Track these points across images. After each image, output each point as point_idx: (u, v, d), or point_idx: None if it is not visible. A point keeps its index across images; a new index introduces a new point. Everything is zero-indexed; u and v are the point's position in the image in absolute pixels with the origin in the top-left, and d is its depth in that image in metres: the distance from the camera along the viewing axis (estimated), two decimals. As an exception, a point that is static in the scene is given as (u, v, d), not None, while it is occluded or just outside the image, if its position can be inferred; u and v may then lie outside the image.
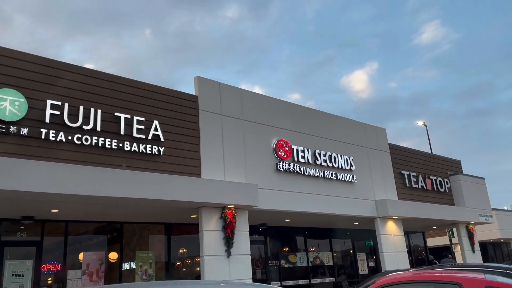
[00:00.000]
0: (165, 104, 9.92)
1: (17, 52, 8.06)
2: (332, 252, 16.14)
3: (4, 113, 7.47)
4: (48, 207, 8.69)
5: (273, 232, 14.43)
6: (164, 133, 9.63)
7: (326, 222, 14.62)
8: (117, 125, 8.93)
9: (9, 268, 9.22)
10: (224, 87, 11.36)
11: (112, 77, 9.27)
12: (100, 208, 9.31)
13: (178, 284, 2.46)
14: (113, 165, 8.58)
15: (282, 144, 11.96)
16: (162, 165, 9.45)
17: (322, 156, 12.92)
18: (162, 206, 9.39)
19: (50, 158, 7.79)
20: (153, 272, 11.33)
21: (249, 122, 11.53)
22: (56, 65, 8.49)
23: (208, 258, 9.52)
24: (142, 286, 2.73)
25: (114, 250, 10.99)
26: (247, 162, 11.10)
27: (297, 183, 12.04)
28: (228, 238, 9.89)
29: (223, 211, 9.99)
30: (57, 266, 9.91)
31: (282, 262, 14.53)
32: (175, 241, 12.09)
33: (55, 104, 8.13)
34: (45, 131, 7.89)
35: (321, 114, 13.84)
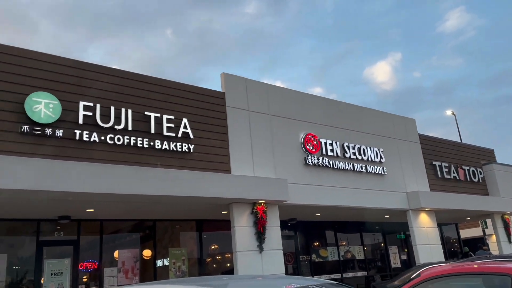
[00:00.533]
0: (193, 102, 9.97)
1: (49, 55, 8.24)
2: (363, 246, 15.95)
3: (39, 115, 7.65)
4: (84, 206, 8.87)
5: (303, 226, 14.36)
6: (193, 131, 9.68)
7: (356, 216, 14.45)
8: (147, 124, 9.03)
9: (48, 267, 9.48)
10: (250, 83, 11.33)
11: (141, 76, 9.37)
12: (133, 207, 9.46)
13: (233, 279, 2.45)
14: (145, 163, 8.67)
15: (310, 138, 11.86)
16: (192, 162, 9.51)
17: (351, 149, 12.74)
18: (194, 203, 9.46)
19: (85, 158, 7.95)
20: (187, 269, 11.46)
21: (276, 116, 11.47)
22: (87, 67, 8.64)
23: (240, 254, 9.54)
24: (198, 281, 2.73)
25: (147, 248, 11.16)
26: (275, 157, 11.05)
27: (326, 177, 11.92)
28: (260, 233, 9.89)
29: (254, 206, 9.99)
30: (94, 264, 10.13)
31: (313, 257, 14.46)
32: (206, 237, 12.18)
33: (87, 105, 8.28)
34: (79, 132, 8.05)
35: (349, 106, 13.65)
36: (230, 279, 2.69)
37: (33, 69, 7.90)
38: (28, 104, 7.58)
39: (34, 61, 7.97)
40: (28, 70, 7.84)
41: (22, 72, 7.77)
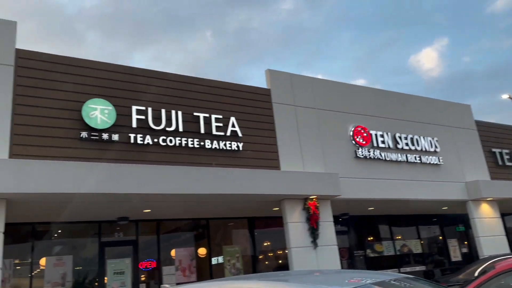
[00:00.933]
0: (239, 100, 10.02)
1: (102, 63, 8.58)
2: (420, 240, 15.37)
3: (96, 121, 7.99)
4: (141, 207, 9.17)
5: (356, 221, 14.05)
6: (241, 129, 9.73)
7: (411, 209, 13.94)
8: (197, 125, 9.18)
9: (110, 266, 9.89)
10: (295, 78, 11.23)
11: (189, 78, 9.54)
12: (187, 206, 9.66)
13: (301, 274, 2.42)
14: (197, 163, 8.82)
15: (359, 130, 11.57)
16: (242, 160, 9.56)
17: (403, 139, 12.30)
18: (245, 200, 9.51)
19: (140, 161, 8.21)
20: (241, 266, 11.56)
21: (323, 110, 11.29)
22: (138, 72, 8.92)
23: (295, 250, 9.48)
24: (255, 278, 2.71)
25: (202, 246, 11.37)
26: (324, 151, 10.88)
27: (379, 170, 11.58)
28: (313, 229, 9.77)
29: (306, 202, 9.89)
30: (153, 263, 10.45)
31: (368, 252, 14.12)
32: (258, 234, 12.22)
33: (140, 110, 8.54)
34: (133, 135, 8.32)
35: (398, 95, 13.19)
36: (310, 274, 2.67)
37: (88, 77, 8.26)
38: (85, 111, 7.93)
39: (88, 70, 8.33)
40: (83, 79, 8.20)
41: (78, 80, 8.14)
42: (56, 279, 9.23)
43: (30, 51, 7.90)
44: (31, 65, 7.80)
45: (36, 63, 7.86)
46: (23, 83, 7.64)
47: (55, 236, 9.94)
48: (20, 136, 7.34)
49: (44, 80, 7.83)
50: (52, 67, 7.99)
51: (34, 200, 7.34)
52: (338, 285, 2.04)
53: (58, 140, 7.67)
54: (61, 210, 8.51)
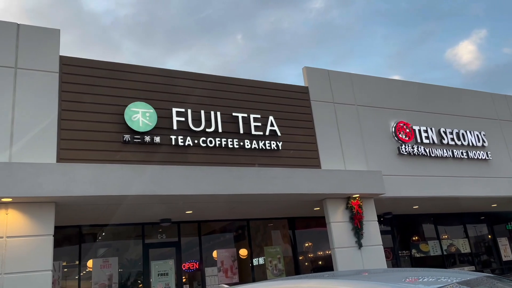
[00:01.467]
0: (277, 99, 9.91)
1: (143, 67, 8.70)
2: (468, 239, 14.71)
3: (138, 124, 8.08)
4: (183, 208, 9.22)
5: (400, 220, 13.61)
6: (280, 128, 9.61)
7: (458, 206, 13.35)
8: (236, 125, 9.13)
9: (154, 268, 10.01)
10: (333, 74, 10.99)
11: (226, 79, 9.53)
12: (228, 207, 9.62)
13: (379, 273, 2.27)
14: (237, 163, 8.77)
15: (402, 126, 11.18)
16: (282, 159, 9.43)
17: (449, 134, 11.80)
18: (286, 200, 9.38)
19: (182, 162, 8.24)
20: (283, 267, 11.42)
21: (364, 106, 10.99)
22: (176, 75, 8.98)
23: (339, 250, 9.25)
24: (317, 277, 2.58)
25: (243, 247, 11.31)
26: (366, 148, 10.59)
27: (423, 166, 11.15)
28: (357, 229, 9.51)
29: (348, 201, 9.64)
30: (195, 264, 10.49)
31: (414, 252, 13.64)
32: (299, 235, 12.04)
33: (179, 111, 8.59)
34: (174, 137, 8.37)
35: (441, 88, 12.67)
36: (376, 273, 2.52)
37: (129, 81, 8.39)
38: (128, 115, 8.04)
39: (129, 74, 8.46)
40: (125, 83, 8.33)
41: (120, 84, 8.28)
42: (103, 281, 9.42)
43: (73, 58, 8.10)
44: (75, 71, 8.00)
45: (79, 69, 8.05)
46: (68, 89, 7.84)
47: (100, 239, 10.16)
48: (66, 141, 7.53)
49: (87, 86, 8.00)
50: (95, 72, 8.16)
51: (80, 203, 7.51)
52: (425, 284, 1.89)
53: (102, 143, 7.81)
54: (106, 213, 8.68)
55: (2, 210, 6.72)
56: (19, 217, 6.77)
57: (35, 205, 6.87)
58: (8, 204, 6.76)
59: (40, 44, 7.82)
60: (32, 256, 6.63)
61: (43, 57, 7.76)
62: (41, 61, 7.72)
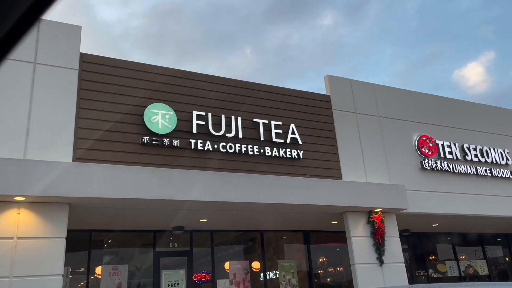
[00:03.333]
0: (299, 107, 9.61)
1: (163, 67, 8.45)
2: (486, 260, 14.17)
3: (157, 126, 7.80)
4: (198, 216, 8.86)
5: (416, 238, 13.14)
6: (301, 136, 9.29)
7: (478, 226, 12.88)
8: (256, 131, 8.83)
9: (165, 277, 9.59)
10: (356, 84, 10.70)
11: (247, 84, 9.26)
12: (244, 216, 9.25)
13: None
14: (256, 171, 8.44)
15: (425, 139, 10.83)
16: (302, 169, 9.09)
17: (472, 150, 11.41)
18: (306, 211, 9.00)
19: (200, 167, 7.92)
20: (297, 282, 10.96)
21: (386, 118, 10.66)
22: (197, 77, 8.72)
23: (359, 267, 8.82)
24: None
25: (256, 259, 10.89)
26: (388, 161, 10.22)
27: (446, 182, 10.75)
28: (379, 244, 9.09)
29: (370, 215, 9.24)
30: (207, 275, 10.07)
31: (430, 272, 13.13)
32: (314, 249, 11.60)
33: (200, 115, 8.30)
34: (194, 141, 8.07)
35: (465, 104, 12.34)
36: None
37: (150, 81, 8.13)
38: (147, 116, 7.76)
39: (150, 74, 8.21)
40: (145, 83, 8.07)
41: (140, 85, 8.02)
42: (111, 289, 9.02)
43: (94, 55, 7.87)
44: (95, 69, 7.75)
45: (99, 67, 7.81)
46: (87, 87, 7.58)
47: (110, 245, 9.80)
48: (83, 140, 7.24)
49: (107, 84, 7.75)
50: (115, 71, 7.91)
51: (95, 205, 7.18)
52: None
53: (119, 144, 7.52)
54: (118, 218, 8.34)
55: (14, 210, 6.41)
56: (31, 217, 6.45)
57: (49, 205, 6.54)
58: (20, 203, 6.44)
59: (60, 40, 7.59)
60: (43, 259, 6.28)
61: (63, 53, 7.53)
62: (61, 57, 7.49)
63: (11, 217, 6.35)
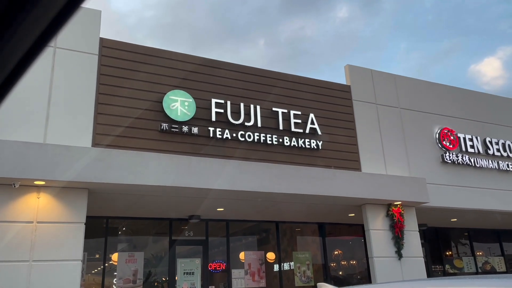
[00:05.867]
0: (318, 96, 9.45)
1: (183, 54, 8.34)
2: (504, 257, 13.92)
3: (176, 113, 7.71)
4: (214, 205, 8.78)
5: (433, 233, 12.93)
6: (321, 127, 9.13)
7: (497, 222, 12.62)
8: (275, 121, 8.70)
9: (180, 266, 9.57)
10: (377, 74, 10.48)
11: (267, 72, 9.11)
12: (261, 207, 9.15)
13: None
14: (275, 160, 8.33)
15: (446, 132, 10.58)
16: (321, 159, 8.95)
17: (494, 144, 11.14)
18: (324, 203, 8.87)
19: (219, 155, 7.82)
20: (312, 274, 10.87)
21: (407, 110, 10.44)
22: (217, 65, 8.60)
23: (378, 260, 8.68)
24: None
25: (270, 250, 10.80)
26: (408, 154, 10.02)
27: (468, 176, 10.52)
28: (398, 238, 8.93)
29: (389, 208, 9.08)
30: (222, 265, 10.02)
31: (447, 267, 12.93)
32: (329, 241, 11.48)
33: (219, 103, 8.19)
34: (212, 129, 7.97)
35: (487, 96, 12.05)
36: None
37: (169, 68, 8.03)
38: (166, 103, 7.68)
39: (169, 61, 8.11)
40: (165, 70, 7.98)
41: (160, 71, 7.93)
42: (127, 276, 9.03)
43: (114, 41, 7.79)
44: (115, 55, 7.68)
45: (119, 52, 7.73)
46: (107, 72, 7.51)
47: (127, 232, 9.79)
48: (102, 126, 7.19)
49: (127, 70, 7.67)
50: (135, 57, 7.83)
51: (114, 191, 7.13)
52: None
53: (138, 131, 7.45)
54: (135, 205, 8.30)
55: (34, 194, 6.38)
56: (51, 202, 6.42)
57: (68, 190, 6.51)
58: (40, 187, 6.42)
59: (81, 25, 7.51)
60: (62, 244, 6.27)
61: (83, 38, 7.46)
62: (81, 41, 7.41)
63: (31, 201, 6.34)
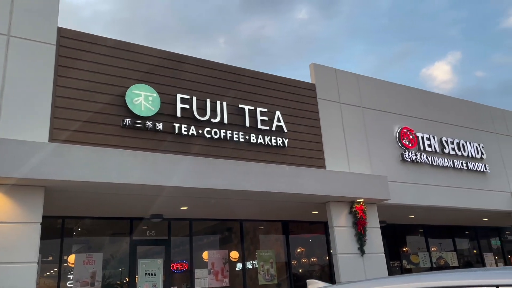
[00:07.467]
0: (285, 94, 9.44)
1: (147, 47, 8.05)
2: (456, 252, 14.58)
3: (140, 108, 7.42)
4: (179, 204, 8.56)
5: (392, 230, 13.30)
6: (287, 124, 9.13)
7: (450, 219, 13.21)
8: (242, 118, 8.59)
9: (141, 266, 9.26)
10: (341, 74, 10.63)
11: (234, 68, 8.99)
12: (224, 205, 9.01)
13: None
14: (241, 158, 8.23)
15: (405, 132, 10.91)
16: (287, 157, 8.94)
17: (450, 144, 11.61)
18: (289, 200, 8.87)
19: (184, 152, 7.62)
20: (275, 272, 10.86)
21: (369, 109, 10.66)
22: (182, 59, 8.38)
23: (342, 256, 8.79)
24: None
25: (234, 249, 10.70)
26: (370, 152, 10.24)
27: (425, 175, 10.89)
28: (361, 235, 9.09)
29: (352, 205, 9.22)
30: (185, 265, 9.80)
31: (404, 263, 13.36)
32: (292, 239, 11.53)
33: (184, 98, 7.98)
34: (178, 125, 7.75)
35: (443, 97, 12.55)
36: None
37: (133, 61, 7.73)
38: (129, 97, 7.38)
39: (133, 53, 7.80)
40: (127, 63, 7.66)
41: (122, 64, 7.61)
42: (85, 278, 8.61)
43: (73, 31, 7.38)
44: (74, 46, 7.28)
45: (79, 43, 7.33)
46: (65, 63, 7.10)
47: (84, 233, 9.35)
48: (60, 120, 6.79)
49: (87, 62, 7.29)
50: (96, 48, 7.46)
51: (73, 189, 6.75)
52: None
53: (99, 126, 7.11)
54: (94, 204, 7.94)
55: (-16, 192, 5.91)
56: (4, 200, 5.98)
57: (23, 188, 6.09)
58: (-9, 185, 5.95)
59: (37, 12, 7.06)
60: (16, 246, 5.85)
61: (40, 27, 7.01)
62: (38, 30, 6.96)
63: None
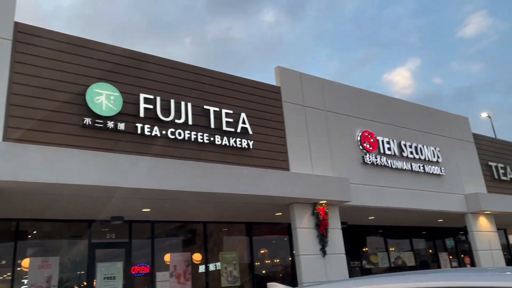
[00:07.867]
0: (250, 96, 9.47)
1: (109, 45, 7.86)
2: (413, 252, 15.10)
3: (101, 108, 7.23)
4: (140, 206, 8.39)
5: (353, 231, 13.60)
6: (252, 126, 9.16)
7: (408, 220, 13.66)
8: (207, 119, 8.54)
9: (100, 270, 9.00)
10: (305, 77, 10.78)
11: (199, 69, 8.93)
12: (188, 206, 8.94)
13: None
14: (206, 159, 8.18)
15: (366, 135, 11.20)
16: (252, 159, 8.97)
17: (408, 147, 12.03)
18: (253, 202, 8.90)
19: (146, 153, 7.48)
20: (238, 274, 10.85)
21: (332, 113, 10.87)
22: (146, 58, 8.23)
23: (304, 257, 8.91)
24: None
25: (197, 251, 10.61)
26: (333, 155, 10.43)
27: (385, 177, 11.22)
28: (323, 236, 9.25)
29: (315, 207, 9.37)
30: (146, 268, 9.61)
31: (364, 263, 13.70)
32: (256, 241, 11.56)
33: (148, 98, 7.84)
34: (140, 125, 7.60)
35: (402, 103, 12.97)
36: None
37: (94, 59, 7.51)
38: (90, 96, 7.16)
39: (94, 51, 7.59)
40: (88, 60, 7.44)
41: (83, 62, 7.38)
42: (40, 283, 8.27)
43: (31, 26, 7.09)
44: (32, 41, 6.99)
45: (37, 39, 7.05)
46: (22, 60, 6.81)
47: (40, 236, 8.99)
48: (16, 118, 6.50)
49: (45, 59, 7.02)
50: (55, 45, 7.20)
51: (28, 191, 6.48)
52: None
53: (57, 125, 6.86)
54: (51, 206, 7.65)
55: None
56: (-49, 202, 5.65)
57: (-27, 189, 5.78)
58: None
59: (-9, 5, 6.73)
60: (-36, 250, 5.53)
61: (-6, 20, 6.68)
62: (-8, 24, 6.63)
63: None
